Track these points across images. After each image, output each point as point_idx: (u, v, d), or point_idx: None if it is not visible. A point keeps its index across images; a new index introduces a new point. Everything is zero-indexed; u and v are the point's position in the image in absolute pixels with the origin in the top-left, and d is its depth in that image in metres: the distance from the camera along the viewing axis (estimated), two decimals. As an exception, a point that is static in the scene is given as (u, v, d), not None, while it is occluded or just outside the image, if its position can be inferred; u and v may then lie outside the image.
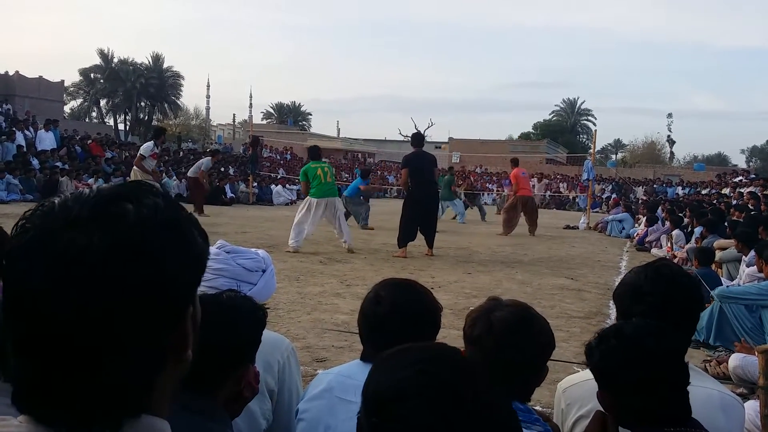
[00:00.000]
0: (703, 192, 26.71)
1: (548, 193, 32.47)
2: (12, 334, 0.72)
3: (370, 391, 0.90)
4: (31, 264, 0.70)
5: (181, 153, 28.68)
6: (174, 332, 0.76)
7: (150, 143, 13.13)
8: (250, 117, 56.35)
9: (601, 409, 1.63)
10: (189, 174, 17.26)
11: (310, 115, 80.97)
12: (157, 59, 56.45)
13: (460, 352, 0.95)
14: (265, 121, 66.94)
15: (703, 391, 1.74)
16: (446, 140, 51.38)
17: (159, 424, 0.77)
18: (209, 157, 17.56)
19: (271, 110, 77.15)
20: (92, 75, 54.72)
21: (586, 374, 2.04)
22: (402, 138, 61.12)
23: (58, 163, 18.93)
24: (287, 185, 24.69)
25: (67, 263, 0.68)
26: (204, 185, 16.93)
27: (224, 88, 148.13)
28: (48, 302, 0.68)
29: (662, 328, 1.55)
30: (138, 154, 13.17)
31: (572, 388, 2.01)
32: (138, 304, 0.70)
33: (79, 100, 56.30)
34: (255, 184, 22.95)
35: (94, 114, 56.31)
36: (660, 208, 15.41)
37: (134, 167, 13.08)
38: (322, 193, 9.69)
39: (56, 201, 0.74)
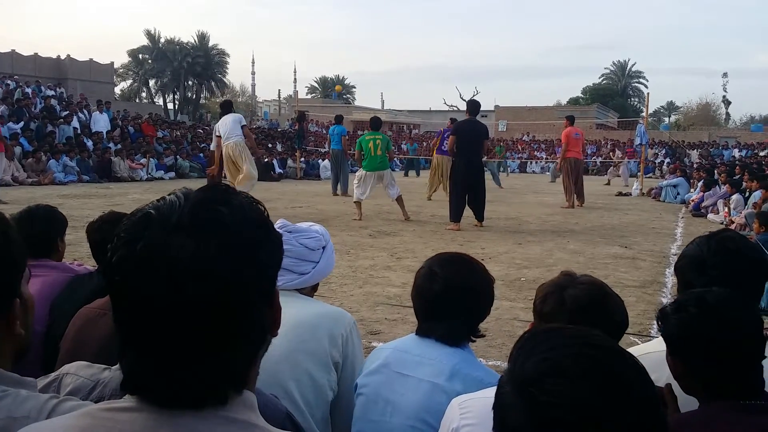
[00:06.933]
0: (761, 154, 25.70)
1: (599, 159, 31.81)
2: (131, 335, 0.79)
3: (522, 366, 0.88)
4: (149, 272, 0.76)
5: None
6: (271, 310, 0.87)
7: (239, 116, 11.32)
8: (295, 92, 56.40)
9: (665, 379, 1.60)
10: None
11: (354, 87, 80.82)
12: (203, 37, 57.09)
13: (613, 341, 0.93)
14: (309, 96, 67.10)
15: (769, 362, 1.69)
16: (492, 108, 50.51)
17: (251, 396, 0.86)
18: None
19: (316, 84, 77.32)
20: (140, 56, 55.70)
21: (647, 347, 2.00)
22: (447, 107, 60.59)
23: (111, 144, 19.43)
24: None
25: (183, 267, 0.75)
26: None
27: (269, 64, 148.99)
28: (169, 304, 0.76)
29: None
30: (243, 128, 10.81)
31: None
32: (244, 294, 0.80)
33: (129, 81, 57.55)
34: (302, 159, 23.12)
35: (143, 94, 57.54)
36: (716, 171, 14.91)
37: (244, 143, 10.68)
38: (371, 167, 10.39)
39: (150, 210, 0.80)
